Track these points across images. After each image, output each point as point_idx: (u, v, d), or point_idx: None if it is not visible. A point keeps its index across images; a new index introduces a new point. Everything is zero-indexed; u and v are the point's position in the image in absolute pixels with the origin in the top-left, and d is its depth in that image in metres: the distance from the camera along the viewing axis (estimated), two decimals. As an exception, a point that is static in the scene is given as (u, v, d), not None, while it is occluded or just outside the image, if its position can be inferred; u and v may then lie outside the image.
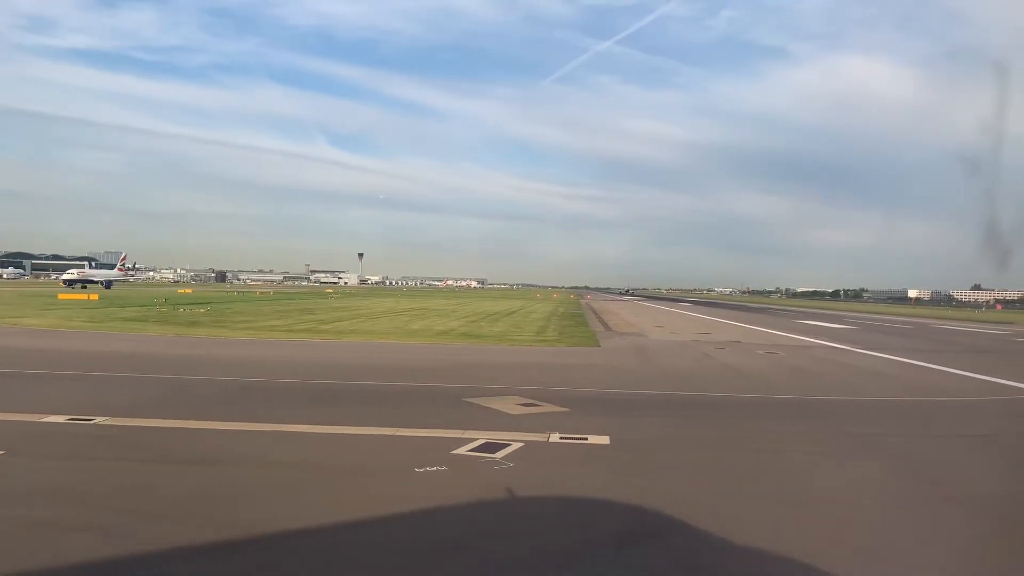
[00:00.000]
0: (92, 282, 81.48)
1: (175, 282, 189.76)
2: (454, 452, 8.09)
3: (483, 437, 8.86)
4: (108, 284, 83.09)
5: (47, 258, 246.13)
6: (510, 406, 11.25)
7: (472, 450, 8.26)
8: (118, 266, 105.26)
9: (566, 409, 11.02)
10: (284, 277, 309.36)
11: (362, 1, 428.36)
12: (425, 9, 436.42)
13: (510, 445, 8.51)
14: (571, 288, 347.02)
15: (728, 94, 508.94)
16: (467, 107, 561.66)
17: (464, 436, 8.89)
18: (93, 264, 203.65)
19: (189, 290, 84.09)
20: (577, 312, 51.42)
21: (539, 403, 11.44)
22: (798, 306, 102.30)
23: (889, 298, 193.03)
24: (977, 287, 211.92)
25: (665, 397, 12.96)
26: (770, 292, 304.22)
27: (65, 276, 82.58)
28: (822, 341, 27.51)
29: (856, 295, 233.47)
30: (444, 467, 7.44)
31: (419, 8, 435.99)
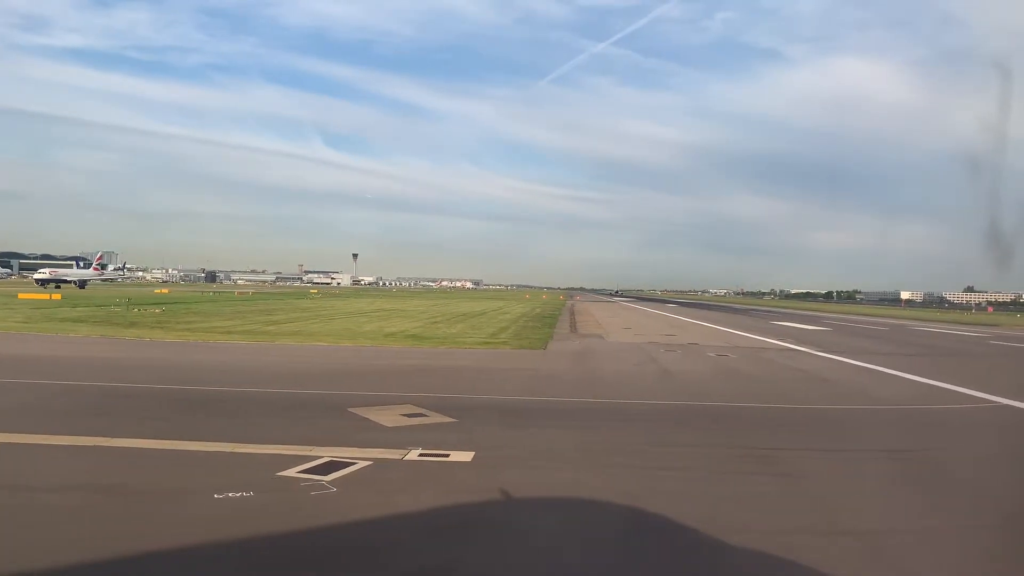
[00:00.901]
0: (65, 282, 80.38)
1: (163, 282, 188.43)
2: (281, 473, 7.18)
3: (331, 454, 7.96)
4: (82, 284, 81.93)
5: (37, 258, 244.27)
6: (392, 417, 10.34)
7: (305, 471, 7.35)
8: (94, 265, 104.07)
9: (455, 420, 10.13)
10: (277, 277, 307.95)
11: (357, 1, 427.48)
12: (420, 10, 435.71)
13: (354, 464, 7.63)
14: (566, 289, 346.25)
15: (723, 96, 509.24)
16: (463, 108, 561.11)
17: (311, 453, 7.99)
18: (81, 264, 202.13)
19: (167, 290, 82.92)
20: (553, 313, 50.51)
21: (428, 413, 10.54)
22: (785, 307, 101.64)
23: (881, 300, 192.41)
24: (970, 289, 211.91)
25: (575, 405, 12.08)
26: (764, 294, 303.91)
27: (36, 275, 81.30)
28: (784, 343, 26.66)
29: (849, 297, 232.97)
30: (250, 492, 6.54)
31: (414, 9, 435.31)
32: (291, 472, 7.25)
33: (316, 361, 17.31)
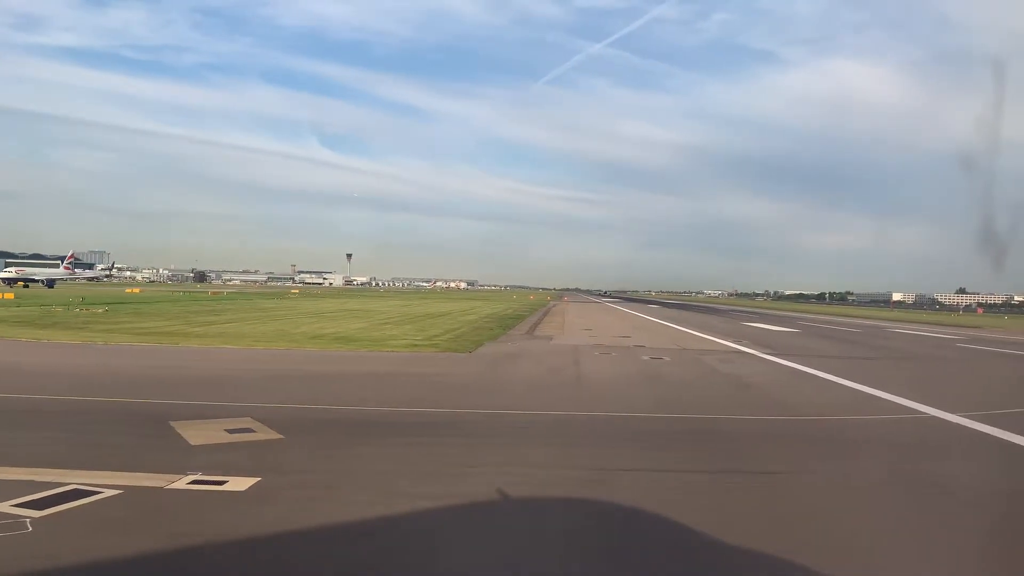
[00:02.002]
0: (33, 281, 79.03)
1: (150, 282, 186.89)
2: (-11, 507, 5.94)
3: (85, 480, 6.74)
4: (50, 283, 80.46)
5: (27, 257, 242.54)
6: (211, 433, 9.08)
7: (25, 503, 6.10)
8: (64, 264, 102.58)
9: (281, 437, 8.92)
10: (269, 277, 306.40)
11: (354, 2, 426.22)
12: (417, 10, 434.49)
13: (99, 494, 6.41)
14: (562, 290, 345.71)
15: (720, 97, 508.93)
16: (459, 108, 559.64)
17: (59, 479, 6.75)
18: (64, 263, 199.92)
19: (138, 290, 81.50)
20: (523, 314, 49.32)
21: (259, 428, 9.31)
22: (770, 309, 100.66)
23: (872, 301, 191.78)
24: (962, 291, 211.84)
25: (446, 416, 10.82)
26: (757, 295, 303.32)
27: (2, 274, 79.76)
28: (738, 346, 25.45)
29: (841, 298, 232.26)
30: (-90, 535, 5.30)
31: (410, 9, 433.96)
32: (4, 505, 6.03)
33: (200, 366, 16.04)
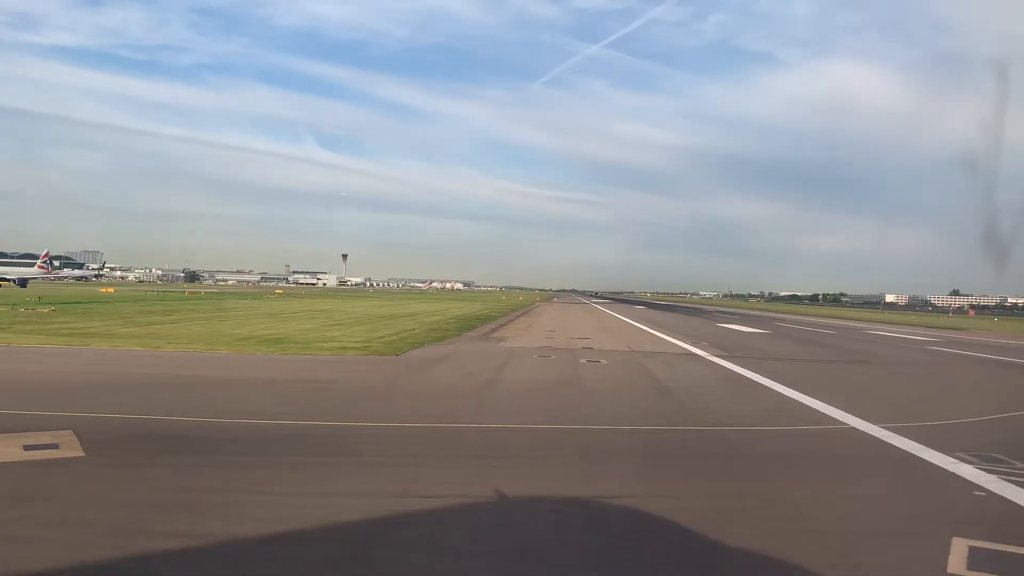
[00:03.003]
0: (6, 280, 77.85)
1: (139, 282, 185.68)
2: None
3: None
4: (23, 282, 79.32)
5: (19, 256, 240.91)
6: (5, 450, 7.99)
7: None
8: (38, 263, 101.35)
9: (82, 455, 7.82)
10: (262, 278, 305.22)
11: (351, 2, 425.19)
12: (414, 11, 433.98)
13: None
14: (558, 291, 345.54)
15: (717, 99, 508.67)
16: (457, 109, 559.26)
17: None
18: (57, 264, 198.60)
19: (112, 290, 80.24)
20: (494, 316, 48.18)
21: (60, 445, 8.16)
22: (759, 310, 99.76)
23: (865, 303, 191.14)
24: (956, 292, 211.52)
25: (294, 429, 9.67)
26: (752, 296, 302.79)
27: None
28: (693, 348, 24.36)
29: (835, 299, 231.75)
30: None
31: (408, 10, 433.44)
32: None
33: (80, 369, 14.76)
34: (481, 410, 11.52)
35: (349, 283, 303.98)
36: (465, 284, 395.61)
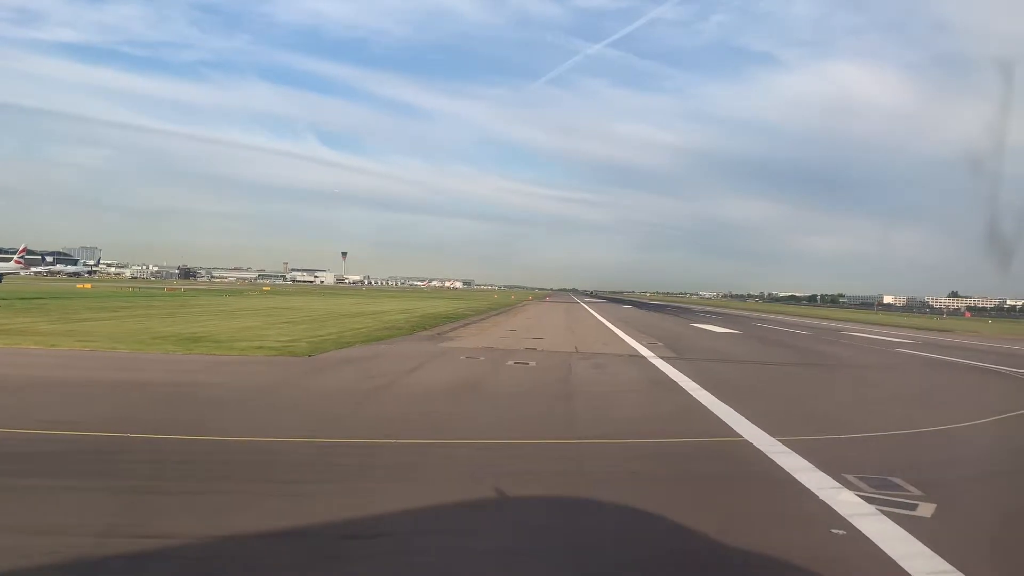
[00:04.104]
0: (-18, 276, 76.73)
1: (133, 278, 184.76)
2: None
3: None
4: (-2, 277, 78.24)
5: (13, 251, 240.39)
6: None
7: None
8: (15, 258, 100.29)
9: None
10: (259, 275, 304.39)
11: (352, 0, 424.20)
12: (415, 9, 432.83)
13: None
14: (557, 290, 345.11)
15: (718, 99, 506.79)
16: (457, 108, 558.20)
17: None
18: (50, 259, 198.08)
19: (89, 286, 79.15)
20: (466, 315, 46.99)
21: None
22: (750, 310, 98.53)
23: (862, 304, 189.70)
24: (954, 294, 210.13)
25: (112, 443, 8.46)
26: (750, 296, 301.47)
27: None
28: (645, 349, 23.11)
29: (832, 300, 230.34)
30: None
31: (409, 8, 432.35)
32: None
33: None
34: (342, 422, 10.24)
35: (347, 281, 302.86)
36: (465, 283, 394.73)
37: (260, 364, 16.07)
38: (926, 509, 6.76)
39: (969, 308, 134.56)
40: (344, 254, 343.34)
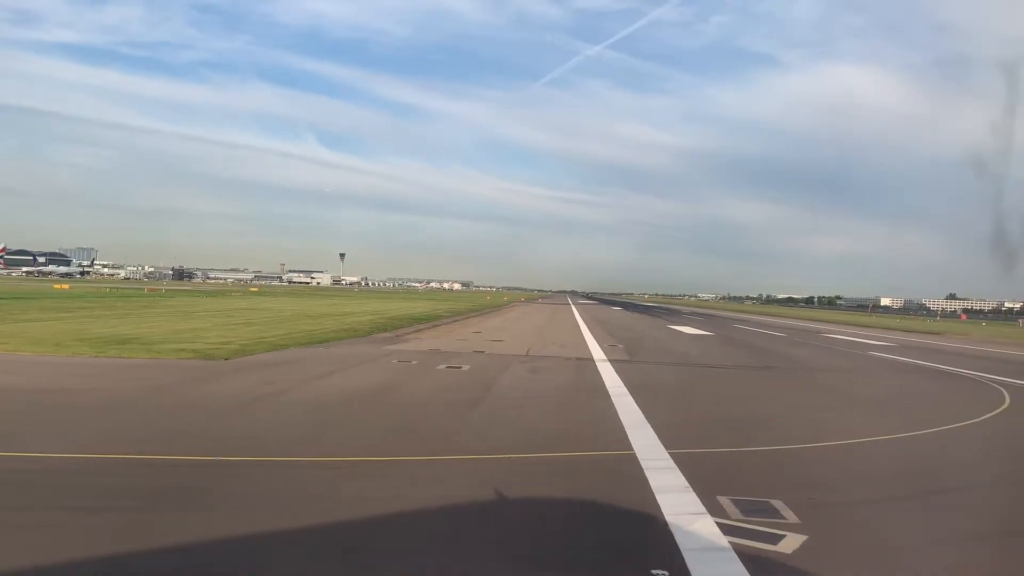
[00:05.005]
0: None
1: (125, 279, 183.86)
2: None
3: None
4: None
5: (12, 253, 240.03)
6: None
7: None
8: None
9: None
10: (256, 276, 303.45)
11: (352, 1, 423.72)
12: (415, 10, 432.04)
13: None
14: (557, 291, 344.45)
15: (719, 100, 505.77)
16: (457, 109, 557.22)
17: None
18: (43, 260, 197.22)
19: (67, 286, 78.18)
20: (441, 316, 46.02)
21: None
22: (741, 312, 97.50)
23: (859, 306, 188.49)
24: (952, 296, 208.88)
25: None
26: (749, 298, 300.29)
27: None
28: (601, 353, 22.10)
29: (830, 302, 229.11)
30: None
31: (409, 8, 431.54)
32: None
33: None
34: (185, 437, 9.13)
35: (344, 282, 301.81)
36: (464, 284, 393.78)
37: (162, 368, 15.07)
38: (791, 543, 5.78)
39: (966, 311, 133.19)
40: (342, 255, 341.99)
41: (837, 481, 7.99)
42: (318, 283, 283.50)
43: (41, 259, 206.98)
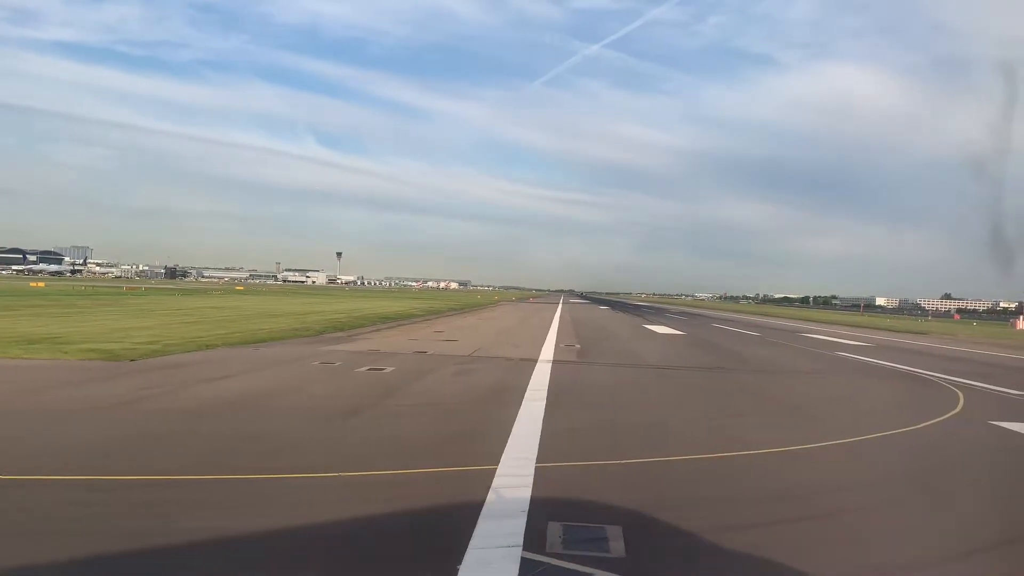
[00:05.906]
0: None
1: (116, 278, 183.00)
2: None
3: None
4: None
5: (6, 251, 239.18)
6: None
7: None
8: None
9: None
10: (250, 275, 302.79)
11: (350, 0, 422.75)
12: (414, 10, 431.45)
13: None
14: (556, 291, 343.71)
15: (716, 101, 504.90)
16: (456, 109, 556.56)
17: None
18: (34, 258, 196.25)
19: (42, 284, 77.30)
20: (412, 315, 45.07)
21: None
22: (731, 311, 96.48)
23: (853, 305, 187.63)
24: (948, 296, 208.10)
25: None
26: (745, 298, 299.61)
27: None
28: (553, 354, 21.09)
29: (825, 302, 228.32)
30: None
31: (407, 8, 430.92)
32: None
33: None
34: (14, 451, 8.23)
35: (339, 281, 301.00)
36: (462, 284, 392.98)
37: (50, 370, 14.07)
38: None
39: (960, 310, 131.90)
40: (339, 255, 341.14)
41: (696, 501, 6.93)
42: (313, 282, 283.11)
43: (32, 258, 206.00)
